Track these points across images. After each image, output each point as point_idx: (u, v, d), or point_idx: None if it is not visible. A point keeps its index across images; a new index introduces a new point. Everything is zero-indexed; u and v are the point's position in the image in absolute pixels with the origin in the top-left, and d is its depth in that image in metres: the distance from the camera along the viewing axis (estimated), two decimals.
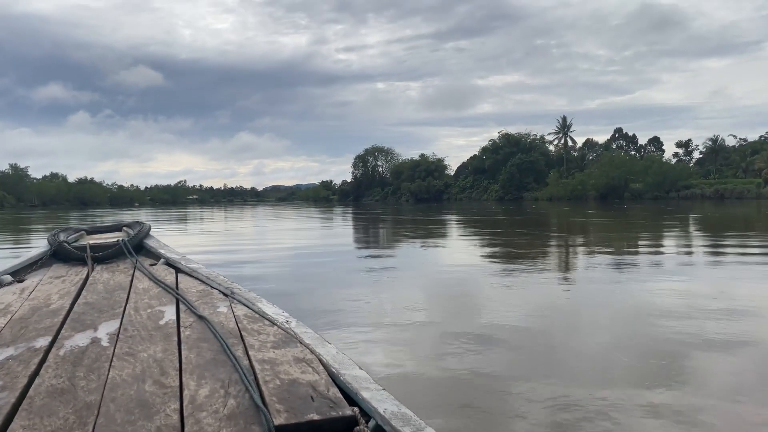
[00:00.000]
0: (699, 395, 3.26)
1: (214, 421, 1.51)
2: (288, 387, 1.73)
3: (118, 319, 2.55)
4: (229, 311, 2.66)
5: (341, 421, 1.54)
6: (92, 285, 3.36)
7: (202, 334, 2.29)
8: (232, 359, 1.94)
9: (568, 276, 8.06)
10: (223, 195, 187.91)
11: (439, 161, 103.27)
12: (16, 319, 2.57)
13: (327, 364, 1.92)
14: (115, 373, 1.87)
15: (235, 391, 1.71)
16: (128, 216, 39.65)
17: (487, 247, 12.82)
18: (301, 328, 2.34)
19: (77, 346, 2.17)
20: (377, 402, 1.60)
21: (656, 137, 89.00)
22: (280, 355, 2.03)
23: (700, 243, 13.02)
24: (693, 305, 5.59)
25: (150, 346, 2.16)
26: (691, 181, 65.99)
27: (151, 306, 2.79)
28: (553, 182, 74.61)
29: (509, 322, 4.92)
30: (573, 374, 3.61)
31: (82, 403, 1.64)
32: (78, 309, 2.75)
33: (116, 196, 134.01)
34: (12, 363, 1.98)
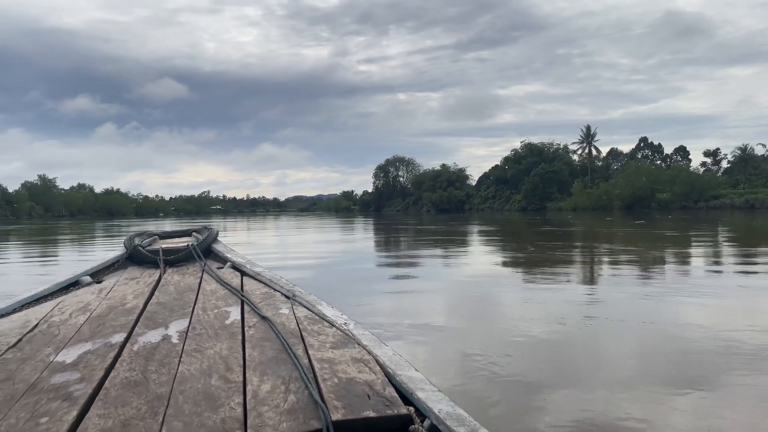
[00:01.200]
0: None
1: (275, 415, 1.57)
2: (345, 385, 1.77)
3: (188, 318, 2.66)
4: (291, 313, 2.74)
5: (397, 419, 1.57)
6: (164, 286, 3.52)
7: (265, 334, 2.37)
8: (293, 358, 2.01)
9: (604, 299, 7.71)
10: (246, 205, 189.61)
11: (460, 171, 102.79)
12: (95, 316, 2.72)
13: (383, 364, 1.96)
14: (183, 368, 1.95)
15: (295, 387, 1.76)
16: (152, 225, 40.12)
17: (533, 267, 12.47)
18: (359, 330, 2.39)
19: (149, 343, 2.28)
20: (432, 402, 1.61)
21: (682, 146, 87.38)
22: (338, 355, 2.08)
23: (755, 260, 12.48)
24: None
25: (216, 343, 2.25)
26: (719, 191, 64.53)
27: (218, 306, 2.91)
28: (578, 192, 73.58)
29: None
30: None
31: (154, 394, 1.72)
32: (151, 308, 2.89)
33: (141, 206, 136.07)
34: (90, 357, 2.09)
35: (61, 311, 2.89)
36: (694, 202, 61.88)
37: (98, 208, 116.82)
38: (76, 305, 3.01)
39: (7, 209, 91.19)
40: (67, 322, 2.64)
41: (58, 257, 14.80)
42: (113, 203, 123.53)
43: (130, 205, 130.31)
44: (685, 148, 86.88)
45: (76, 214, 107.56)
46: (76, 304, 3.04)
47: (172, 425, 1.52)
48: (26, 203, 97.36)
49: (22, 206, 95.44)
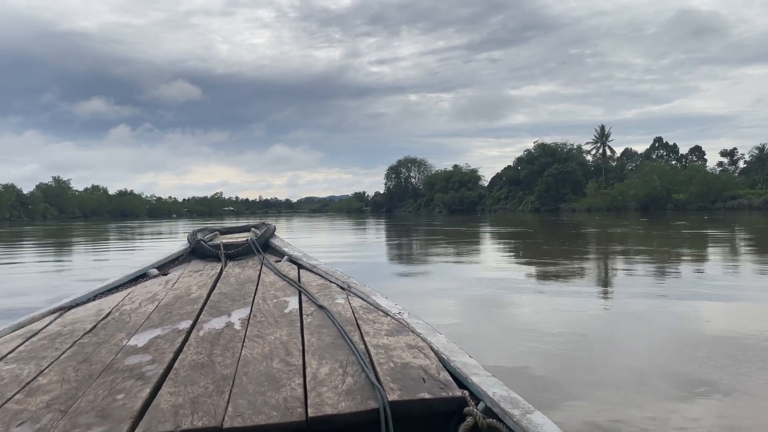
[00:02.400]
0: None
1: (333, 395, 1.64)
2: (401, 369, 1.82)
3: (249, 307, 2.77)
4: (346, 302, 2.82)
5: (451, 402, 1.62)
6: (225, 278, 3.68)
7: (322, 322, 2.45)
8: (349, 343, 2.08)
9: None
10: (258, 206, 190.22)
11: (472, 172, 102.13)
12: (162, 305, 2.88)
13: (438, 351, 1.99)
14: (246, 352, 2.05)
15: (352, 370, 1.82)
16: (166, 227, 40.26)
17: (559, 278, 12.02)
18: (413, 319, 2.43)
19: (214, 329, 2.39)
20: (486, 386, 1.66)
21: (698, 146, 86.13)
22: (393, 341, 2.13)
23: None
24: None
25: (276, 330, 2.35)
26: (737, 191, 63.44)
27: (277, 297, 3.02)
28: (592, 193, 72.72)
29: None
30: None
31: (219, 375, 1.82)
32: (214, 298, 3.02)
33: (155, 207, 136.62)
34: (160, 341, 2.23)
35: (131, 300, 3.07)
36: (711, 202, 60.82)
37: (111, 210, 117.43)
38: (145, 295, 3.20)
39: (22, 210, 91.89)
40: (137, 310, 2.80)
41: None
42: (126, 204, 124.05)
43: (143, 207, 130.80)
44: (701, 148, 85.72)
45: (89, 215, 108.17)
46: (145, 294, 3.22)
47: (238, 402, 1.60)
48: (40, 205, 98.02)
49: (37, 208, 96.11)
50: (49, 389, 1.76)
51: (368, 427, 1.54)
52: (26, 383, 1.82)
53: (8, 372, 1.95)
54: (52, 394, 1.72)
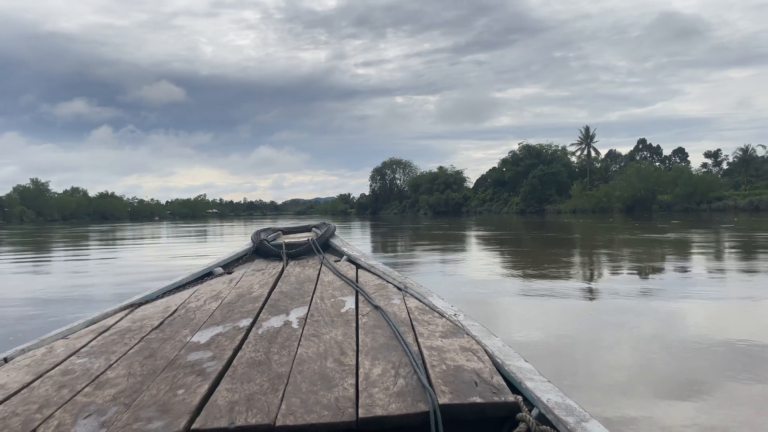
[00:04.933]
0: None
1: (384, 396, 1.64)
2: (453, 372, 1.80)
3: (307, 306, 2.82)
4: (402, 303, 2.83)
5: (504, 407, 1.59)
6: (286, 277, 3.74)
7: (377, 322, 2.47)
8: (403, 344, 2.08)
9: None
10: (243, 209, 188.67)
11: (457, 173, 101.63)
12: (225, 303, 2.96)
13: (492, 354, 1.98)
14: (302, 351, 2.09)
15: (405, 372, 1.82)
16: (148, 230, 39.62)
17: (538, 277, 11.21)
18: (468, 321, 2.41)
19: (272, 327, 2.46)
20: (541, 392, 1.63)
21: (681, 148, 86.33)
22: (447, 343, 2.12)
23: None
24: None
25: (332, 330, 2.38)
26: (722, 193, 63.32)
27: (335, 296, 3.06)
28: (577, 194, 72.36)
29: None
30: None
31: (275, 373, 1.86)
32: (274, 297, 3.10)
33: (137, 210, 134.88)
34: (221, 338, 2.30)
35: (196, 298, 3.16)
36: (697, 203, 60.58)
37: (92, 212, 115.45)
38: (210, 293, 3.29)
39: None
40: (202, 308, 2.89)
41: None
42: (107, 207, 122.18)
43: (124, 209, 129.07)
44: (684, 150, 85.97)
45: (68, 218, 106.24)
46: (210, 292, 3.31)
47: (291, 401, 1.63)
48: (17, 207, 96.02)
49: (13, 210, 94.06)
50: (116, 383, 1.83)
51: (418, 429, 1.53)
52: (95, 377, 1.90)
53: (80, 366, 2.03)
54: (119, 387, 1.79)
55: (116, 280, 9.78)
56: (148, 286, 3.42)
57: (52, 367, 2.04)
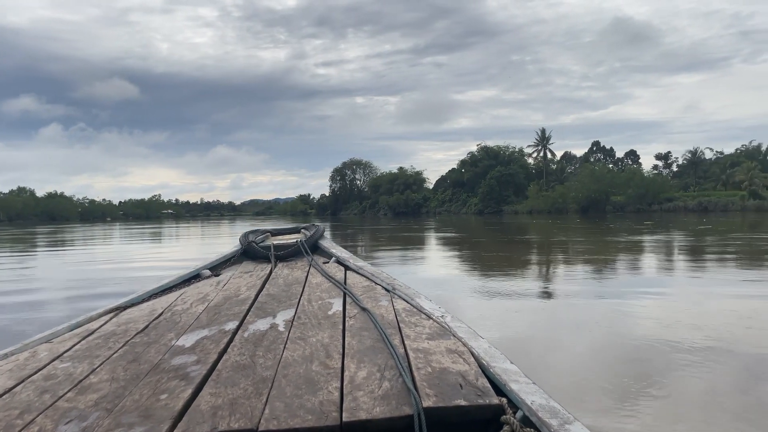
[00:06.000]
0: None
1: (369, 399, 1.64)
2: (439, 374, 1.81)
3: (294, 309, 2.81)
4: (390, 305, 2.83)
5: (488, 409, 1.59)
6: (274, 279, 3.73)
7: (365, 324, 2.46)
8: (389, 347, 2.08)
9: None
10: (200, 209, 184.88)
11: (417, 174, 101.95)
12: (212, 306, 2.94)
13: (478, 356, 1.98)
14: (288, 354, 2.08)
15: (390, 375, 1.82)
16: (99, 231, 38.34)
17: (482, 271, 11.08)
18: (455, 323, 2.41)
19: (259, 330, 2.44)
20: (525, 394, 1.64)
21: (633, 150, 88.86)
22: (433, 345, 2.13)
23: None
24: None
25: (319, 332, 2.37)
26: (672, 194, 65.27)
27: (322, 298, 3.04)
28: (533, 195, 73.51)
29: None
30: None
31: (260, 377, 1.85)
32: (261, 299, 3.08)
33: (87, 210, 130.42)
34: (206, 342, 2.28)
35: (183, 301, 3.14)
36: (648, 204, 62.29)
37: (39, 213, 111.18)
38: (196, 296, 3.26)
39: None
40: (188, 311, 2.87)
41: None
42: (56, 207, 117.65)
43: (74, 210, 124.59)
44: (636, 152, 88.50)
45: (15, 218, 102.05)
46: (196, 295, 3.29)
47: (275, 405, 1.62)
48: None
49: None
50: (98, 388, 1.82)
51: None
52: (78, 381, 1.88)
53: (63, 370, 2.01)
54: (101, 392, 1.78)
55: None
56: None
57: (35, 371, 2.02)
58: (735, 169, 67.74)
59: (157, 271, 10.28)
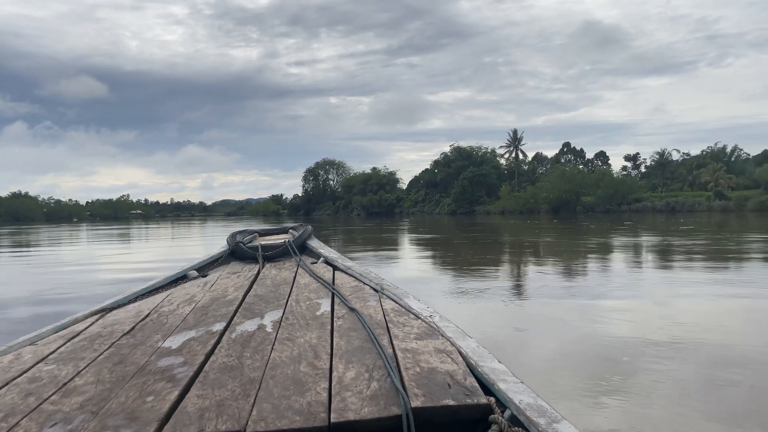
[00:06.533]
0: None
1: (357, 400, 1.64)
2: (427, 374, 1.81)
3: (281, 309, 2.80)
4: (378, 305, 2.83)
5: (476, 409, 1.59)
6: (262, 280, 3.72)
7: (353, 325, 2.46)
8: (377, 347, 2.08)
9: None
10: (170, 210, 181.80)
11: (390, 174, 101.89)
12: (199, 307, 2.93)
13: (466, 356, 1.99)
14: (275, 355, 2.07)
15: (378, 375, 1.82)
16: (66, 232, 37.45)
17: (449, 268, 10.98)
18: (444, 323, 2.42)
19: (246, 331, 2.43)
20: (513, 393, 1.65)
21: (602, 152, 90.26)
22: (422, 345, 2.13)
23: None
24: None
25: (307, 333, 2.37)
26: (641, 194, 66.41)
27: (310, 299, 3.05)
28: (505, 195, 74.12)
29: None
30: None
31: (247, 378, 1.85)
32: (249, 300, 3.08)
33: (53, 211, 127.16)
34: (193, 343, 2.27)
35: (170, 302, 3.12)
36: (618, 205, 63.26)
37: (3, 213, 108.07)
38: (183, 297, 3.24)
39: None
40: (175, 312, 2.85)
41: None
42: (20, 207, 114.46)
43: (39, 210, 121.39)
44: (605, 153, 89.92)
45: None
46: (183, 296, 3.27)
47: (262, 407, 1.62)
48: None
49: None
50: (84, 390, 1.81)
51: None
52: (63, 384, 1.87)
53: (48, 373, 2.00)
54: (87, 395, 1.77)
55: None
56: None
57: (19, 374, 2.00)
58: (701, 171, 69.29)
59: (113, 274, 9.93)
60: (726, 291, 7.32)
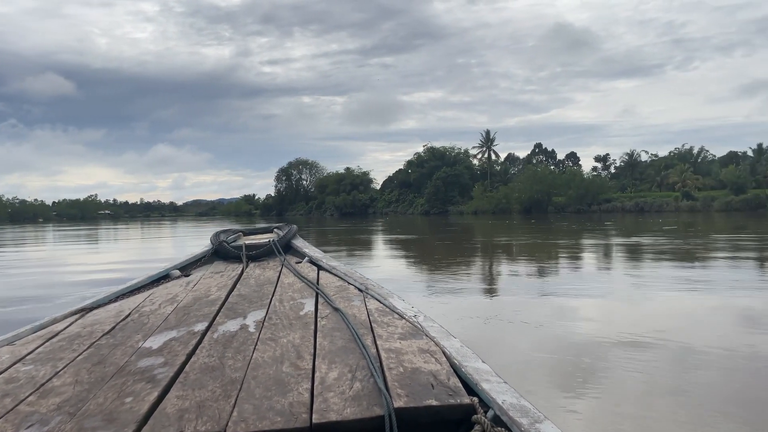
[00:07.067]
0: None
1: (340, 400, 1.63)
2: (410, 374, 1.81)
3: (265, 309, 2.79)
4: (362, 305, 2.82)
5: (459, 409, 1.59)
6: (245, 279, 3.70)
7: (337, 325, 2.45)
8: (361, 347, 2.07)
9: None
10: (140, 210, 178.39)
11: (364, 175, 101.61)
12: (181, 307, 2.90)
13: (450, 355, 1.98)
14: (258, 355, 2.06)
15: (361, 375, 1.82)
16: (31, 233, 36.52)
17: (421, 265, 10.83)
18: (428, 322, 2.42)
19: (228, 331, 2.41)
20: (496, 393, 1.65)
21: (573, 153, 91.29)
22: (405, 345, 2.13)
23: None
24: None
25: (290, 333, 2.36)
26: (611, 195, 67.36)
27: (294, 299, 3.03)
28: (478, 196, 74.46)
29: None
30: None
31: (228, 378, 1.83)
32: (232, 300, 3.05)
33: (18, 211, 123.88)
34: (174, 343, 2.25)
35: (151, 302, 3.09)
36: (588, 205, 64.07)
37: None
38: (165, 296, 3.22)
39: None
40: (156, 312, 2.83)
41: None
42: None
43: (3, 210, 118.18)
44: (576, 154, 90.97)
45: None
46: (165, 296, 3.23)
47: (243, 407, 1.61)
48: None
49: None
50: (61, 391, 1.79)
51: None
52: (41, 385, 1.86)
53: (25, 373, 1.98)
54: (64, 396, 1.76)
55: None
56: None
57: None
58: (669, 171, 70.63)
59: (74, 277, 9.55)
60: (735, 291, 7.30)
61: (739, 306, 6.31)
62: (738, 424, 3.04)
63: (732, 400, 3.38)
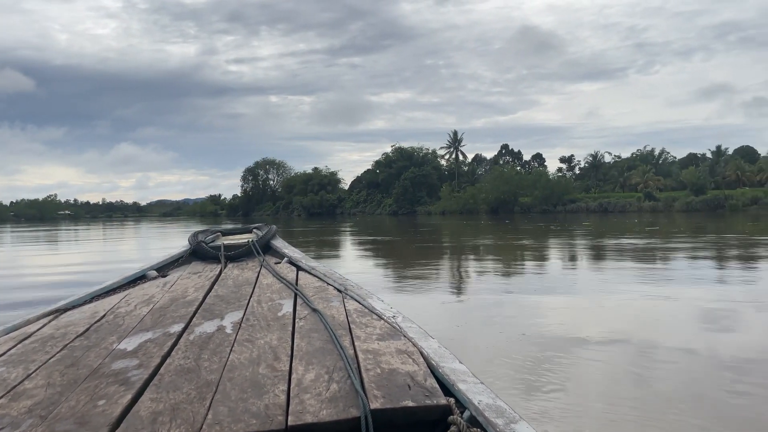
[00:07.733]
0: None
1: (316, 402, 1.63)
2: (387, 375, 1.81)
3: (242, 310, 2.76)
4: (341, 305, 2.81)
5: (436, 410, 1.60)
6: (223, 280, 3.66)
7: (315, 326, 2.44)
8: (339, 348, 2.06)
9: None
10: (101, 210, 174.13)
11: (332, 175, 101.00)
12: (157, 308, 2.87)
13: (427, 356, 1.99)
14: (234, 357, 2.04)
15: (338, 377, 1.81)
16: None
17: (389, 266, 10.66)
18: (406, 323, 2.42)
19: (205, 333, 2.39)
20: (473, 394, 1.65)
21: (539, 154, 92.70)
22: (383, 346, 2.12)
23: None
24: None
25: (267, 334, 2.34)
26: (575, 195, 68.43)
27: (272, 299, 3.00)
28: (446, 196, 74.81)
29: None
30: None
31: (204, 381, 1.82)
32: (209, 301, 3.02)
33: None
34: (149, 345, 2.22)
35: (127, 303, 3.05)
36: (554, 205, 64.95)
37: None
38: (141, 297, 3.18)
39: None
40: (132, 313, 2.79)
41: None
42: None
43: None
44: (542, 156, 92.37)
45: None
46: (141, 297, 3.20)
47: (218, 410, 1.59)
48: None
49: None
50: (33, 394, 1.77)
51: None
52: (12, 387, 1.83)
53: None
54: (36, 399, 1.73)
55: None
56: None
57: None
58: (631, 172, 72.18)
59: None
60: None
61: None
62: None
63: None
